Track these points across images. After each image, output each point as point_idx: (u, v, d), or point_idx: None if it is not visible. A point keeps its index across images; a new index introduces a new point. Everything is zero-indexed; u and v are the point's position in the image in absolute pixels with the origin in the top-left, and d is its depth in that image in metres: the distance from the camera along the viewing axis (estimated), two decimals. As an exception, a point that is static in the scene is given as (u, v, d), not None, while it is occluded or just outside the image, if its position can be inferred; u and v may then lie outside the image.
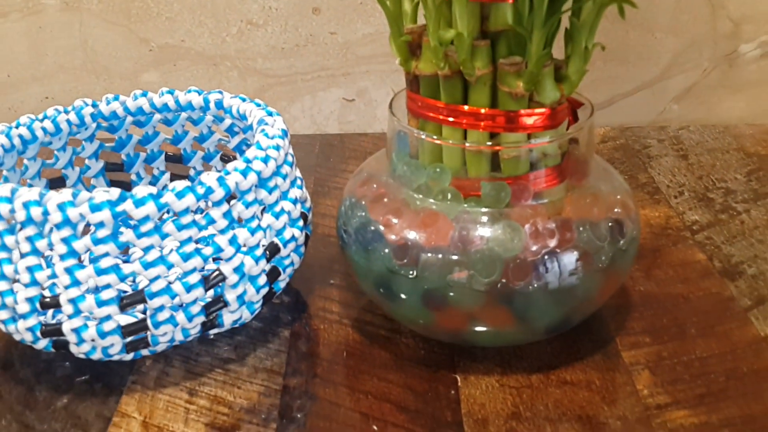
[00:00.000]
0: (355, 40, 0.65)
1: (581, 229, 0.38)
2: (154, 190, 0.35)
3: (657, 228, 0.52)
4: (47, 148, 0.47)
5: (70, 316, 0.36)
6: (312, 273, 0.47)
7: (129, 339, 0.37)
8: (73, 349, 0.37)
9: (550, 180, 0.39)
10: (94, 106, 0.48)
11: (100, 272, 0.36)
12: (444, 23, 0.37)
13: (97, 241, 0.35)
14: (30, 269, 0.36)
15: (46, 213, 0.35)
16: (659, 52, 0.67)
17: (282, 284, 0.42)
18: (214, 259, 0.38)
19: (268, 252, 0.40)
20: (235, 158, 0.50)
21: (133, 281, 0.38)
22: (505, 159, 0.38)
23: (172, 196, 0.36)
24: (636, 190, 0.57)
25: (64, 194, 0.35)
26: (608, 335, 0.42)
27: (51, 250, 0.36)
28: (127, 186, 0.51)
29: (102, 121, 0.48)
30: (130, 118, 0.49)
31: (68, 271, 0.36)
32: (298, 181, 0.44)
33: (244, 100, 0.46)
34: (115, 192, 0.35)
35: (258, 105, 0.45)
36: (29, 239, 0.36)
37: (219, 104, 0.47)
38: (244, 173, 0.38)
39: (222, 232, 0.38)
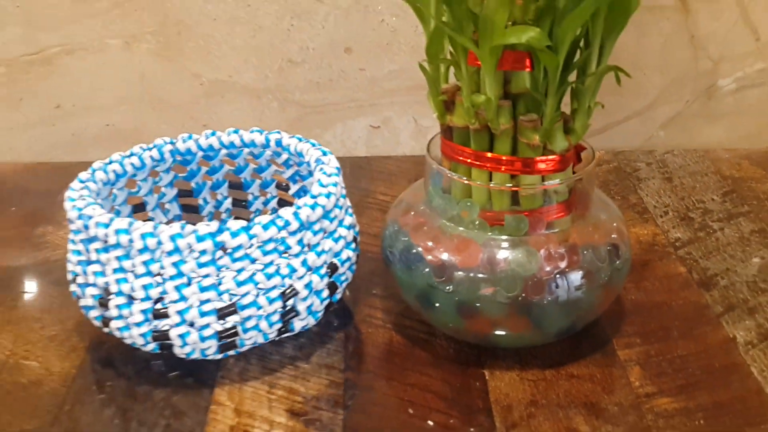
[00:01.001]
0: (381, 76, 0.74)
1: (585, 252, 0.47)
2: (244, 223, 0.44)
3: (645, 245, 0.62)
4: (133, 179, 0.56)
5: (176, 324, 0.45)
6: (357, 284, 0.56)
7: (222, 342, 0.46)
8: (177, 350, 0.46)
9: (559, 212, 0.48)
10: (172, 143, 0.56)
11: (202, 290, 0.44)
12: (474, 87, 0.46)
13: (200, 265, 0.44)
14: (145, 287, 0.45)
15: (159, 243, 0.44)
16: (648, 86, 0.76)
17: (338, 296, 0.51)
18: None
19: (329, 270, 0.49)
20: (288, 186, 0.59)
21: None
22: (523, 196, 0.47)
23: (260, 228, 0.44)
24: (627, 210, 0.66)
25: (175, 227, 0.44)
26: (606, 337, 0.51)
27: (162, 270, 0.44)
28: (195, 209, 0.60)
29: (178, 156, 0.57)
30: (201, 153, 0.57)
31: (177, 288, 0.44)
32: (350, 209, 0.52)
33: (300, 140, 0.55)
34: (214, 225, 0.44)
35: (314, 145, 0.54)
36: (145, 263, 0.44)
37: (278, 143, 0.56)
38: (313, 208, 0.47)
39: (296, 255, 0.47)
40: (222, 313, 0.45)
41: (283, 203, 0.60)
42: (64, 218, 0.65)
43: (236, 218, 0.61)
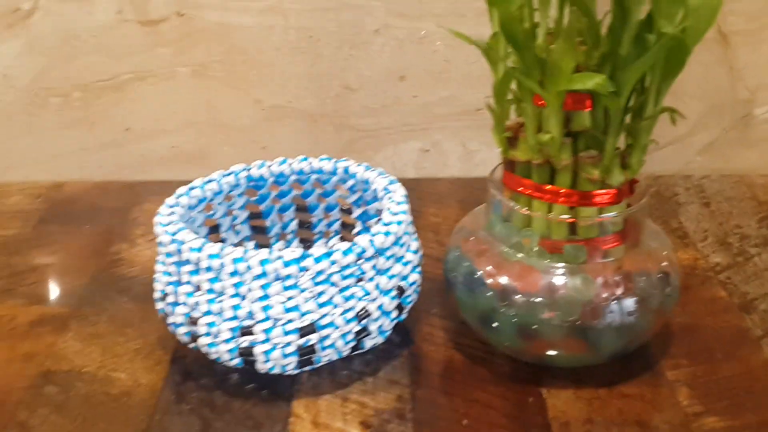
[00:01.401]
0: (433, 102, 0.78)
1: (639, 279, 0.51)
2: (325, 250, 0.48)
3: (687, 268, 0.65)
4: (210, 203, 0.60)
5: (261, 342, 0.49)
6: (417, 304, 0.60)
7: (301, 359, 0.50)
8: (259, 366, 0.50)
9: (614, 241, 0.51)
10: (247, 170, 0.60)
11: (287, 310, 0.48)
12: (537, 125, 0.50)
13: (285, 288, 0.48)
14: (234, 307, 0.49)
15: (249, 267, 0.48)
16: (687, 113, 0.79)
17: (404, 316, 0.54)
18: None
19: (398, 293, 0.52)
20: (351, 210, 0.63)
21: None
22: (582, 226, 0.50)
23: (340, 254, 0.48)
24: (669, 235, 0.69)
25: (262, 253, 0.48)
26: (654, 359, 0.54)
27: (250, 292, 0.48)
28: (263, 230, 0.64)
29: (252, 181, 0.61)
30: (272, 179, 0.61)
31: (263, 309, 0.48)
32: (415, 235, 0.56)
33: (367, 168, 0.59)
34: (299, 251, 0.48)
35: (381, 174, 0.58)
36: (234, 285, 0.48)
37: (346, 170, 0.60)
38: (386, 235, 0.50)
39: (370, 279, 0.50)
40: (303, 332, 0.49)
41: (345, 225, 0.64)
42: (137, 236, 0.70)
43: (301, 239, 0.65)
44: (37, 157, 0.79)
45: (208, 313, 0.49)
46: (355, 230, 0.63)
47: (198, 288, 0.50)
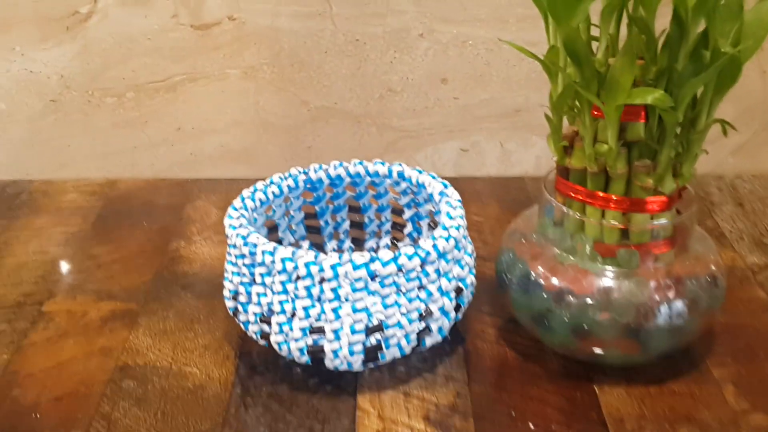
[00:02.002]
0: (473, 104, 0.80)
1: (688, 283, 0.53)
2: (392, 255, 0.51)
3: (726, 269, 0.67)
4: (270, 205, 0.63)
5: (331, 341, 0.52)
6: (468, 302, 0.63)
7: (367, 357, 0.53)
8: (327, 363, 0.53)
9: (665, 246, 0.54)
10: (305, 173, 0.63)
11: (356, 311, 0.51)
12: (594, 136, 0.52)
13: (354, 290, 0.51)
14: (305, 308, 0.51)
15: (321, 270, 0.50)
16: (721, 116, 0.81)
17: (461, 314, 0.57)
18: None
19: (456, 293, 0.55)
20: (402, 211, 0.65)
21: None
22: (634, 232, 0.53)
23: (405, 258, 0.51)
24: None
25: (333, 257, 0.50)
26: (701, 357, 0.57)
27: (321, 294, 0.51)
28: (317, 229, 0.66)
29: (309, 184, 0.63)
30: (328, 181, 0.64)
31: (333, 310, 0.51)
32: (469, 238, 0.59)
33: (420, 172, 0.62)
34: (367, 256, 0.51)
35: (434, 177, 0.60)
36: (306, 288, 0.51)
37: (401, 174, 0.62)
38: (447, 239, 0.53)
39: (432, 282, 0.53)
40: (370, 331, 0.52)
41: (395, 225, 0.66)
42: (193, 233, 0.72)
43: (353, 239, 0.67)
44: (90, 155, 0.82)
45: (281, 312, 0.52)
46: (406, 230, 0.66)
47: (270, 289, 0.53)
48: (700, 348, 0.58)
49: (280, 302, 0.52)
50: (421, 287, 0.53)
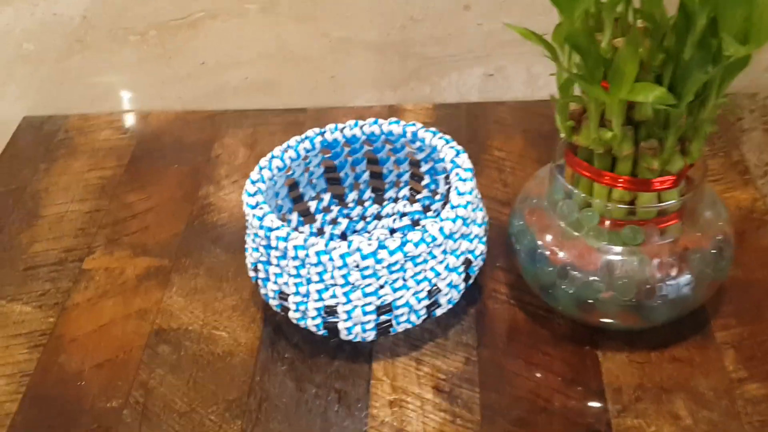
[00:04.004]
0: (497, 30, 0.78)
1: (693, 258, 0.54)
2: (398, 242, 0.53)
3: (744, 211, 0.67)
4: (288, 168, 0.64)
5: (344, 320, 0.55)
6: (483, 257, 0.65)
7: (379, 331, 0.56)
8: (342, 336, 0.56)
9: (671, 219, 0.54)
10: (321, 134, 0.64)
11: (366, 295, 0.54)
12: (599, 119, 0.52)
13: (363, 276, 0.53)
14: (318, 291, 0.54)
15: (331, 259, 0.53)
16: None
17: (470, 282, 0.59)
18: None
19: (465, 266, 0.57)
20: (419, 164, 0.66)
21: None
22: (641, 209, 0.53)
23: (412, 246, 0.53)
24: (729, 171, 0.71)
25: (342, 246, 0.53)
26: (705, 318, 0.58)
27: (332, 279, 0.54)
28: (338, 180, 0.68)
29: (326, 145, 0.64)
30: (344, 141, 0.65)
31: (345, 294, 0.54)
32: (480, 204, 0.60)
33: (434, 133, 0.62)
34: (374, 244, 0.53)
35: (447, 141, 0.61)
36: (318, 274, 0.54)
37: (414, 135, 0.63)
38: (454, 221, 0.54)
39: (440, 262, 0.55)
40: (380, 311, 0.55)
41: (414, 175, 0.68)
42: (221, 178, 0.75)
43: (373, 188, 0.69)
44: (120, 90, 0.84)
45: (296, 293, 0.55)
46: (424, 182, 0.67)
47: (285, 271, 0.56)
48: (708, 308, 0.59)
49: (295, 284, 0.55)
50: (428, 268, 0.55)
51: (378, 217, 0.69)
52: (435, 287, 0.56)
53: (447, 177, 0.65)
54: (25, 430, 0.55)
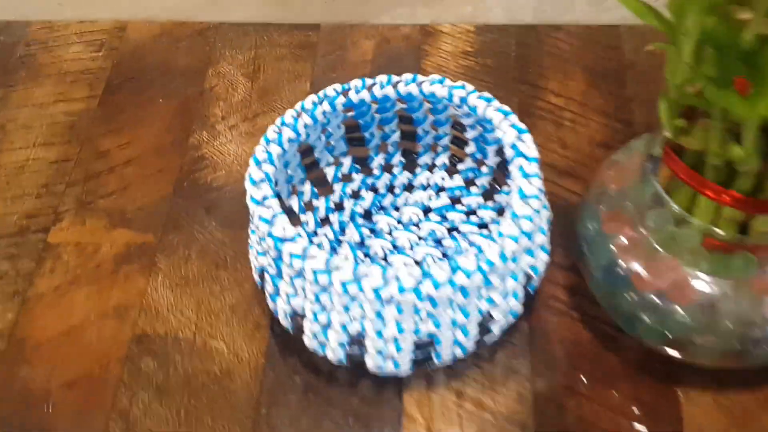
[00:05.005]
0: (562, -61, 0.63)
1: (814, 297, 0.43)
2: (448, 273, 0.41)
3: None
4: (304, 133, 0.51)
5: (373, 356, 0.44)
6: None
7: (415, 366, 0.45)
8: (370, 369, 0.46)
9: (793, 247, 0.42)
10: (344, 91, 0.50)
11: (401, 330, 0.43)
12: (726, 131, 0.39)
13: (401, 311, 0.42)
14: (343, 326, 0.43)
15: (361, 290, 0.41)
16: None
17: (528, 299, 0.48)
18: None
19: (525, 282, 0.46)
20: (465, 129, 0.53)
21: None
22: (756, 232, 0.41)
23: (463, 277, 0.41)
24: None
25: (376, 277, 0.41)
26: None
27: (361, 311, 0.42)
28: (361, 141, 0.55)
29: (350, 107, 0.51)
30: (371, 100, 0.51)
31: (376, 332, 0.43)
32: (545, 201, 0.47)
33: (488, 100, 0.48)
34: (417, 272, 0.41)
35: (506, 115, 0.47)
36: (344, 307, 0.42)
37: (463, 100, 0.49)
38: (516, 240, 0.42)
39: (496, 288, 0.43)
40: (419, 346, 0.44)
41: (456, 140, 0.55)
42: (216, 120, 0.62)
43: (404, 151, 0.56)
44: (92, -5, 0.68)
45: (314, 321, 0.44)
46: (468, 149, 0.54)
47: (300, 291, 0.44)
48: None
49: (313, 312, 0.44)
50: (481, 297, 0.43)
51: (408, 187, 0.56)
52: (488, 316, 0.44)
53: (500, 149, 0.52)
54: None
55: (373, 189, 0.56)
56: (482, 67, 0.64)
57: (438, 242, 0.54)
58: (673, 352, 0.46)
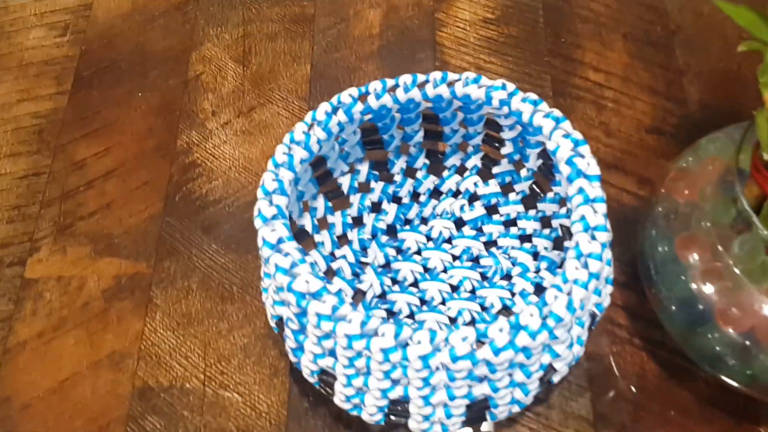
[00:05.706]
0: None
1: None
2: (509, 334, 0.34)
3: None
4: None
5: (418, 422, 0.38)
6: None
7: (467, 424, 0.39)
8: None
9: None
10: (361, 95, 0.43)
11: (452, 397, 0.36)
12: None
13: (452, 378, 0.35)
14: (383, 391, 0.37)
15: (405, 358, 0.35)
16: None
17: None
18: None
19: (589, 324, 0.39)
20: (501, 129, 0.46)
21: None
22: None
23: (527, 338, 0.34)
24: None
25: (424, 343, 0.34)
26: None
27: (405, 378, 0.36)
28: (379, 143, 0.47)
29: (368, 114, 0.43)
30: (396, 107, 0.44)
31: (423, 398, 0.36)
32: (607, 222, 0.41)
33: (535, 104, 0.41)
34: (471, 336, 0.34)
35: (557, 122, 0.40)
36: (385, 373, 0.36)
37: (504, 103, 0.42)
38: (585, 287, 0.36)
39: (562, 342, 0.37)
40: (474, 410, 0.38)
41: (488, 138, 0.47)
42: (206, 116, 0.54)
43: (428, 152, 0.49)
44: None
45: (347, 386, 0.38)
46: (504, 150, 0.47)
47: (329, 353, 0.37)
48: None
49: (347, 376, 0.37)
50: (544, 352, 0.37)
51: (435, 193, 0.49)
52: (550, 369, 0.38)
53: (543, 151, 0.45)
54: None
55: (396, 199, 0.49)
56: (507, 38, 0.56)
57: (475, 261, 0.47)
58: (757, 395, 0.40)
